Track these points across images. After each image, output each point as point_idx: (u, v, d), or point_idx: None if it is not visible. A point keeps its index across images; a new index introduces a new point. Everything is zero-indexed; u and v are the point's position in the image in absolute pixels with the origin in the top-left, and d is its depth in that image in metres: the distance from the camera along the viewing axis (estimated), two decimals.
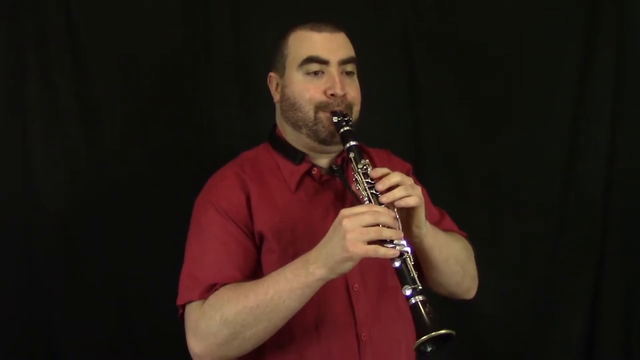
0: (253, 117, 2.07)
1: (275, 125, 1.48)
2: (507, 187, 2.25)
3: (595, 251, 2.26)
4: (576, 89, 2.24)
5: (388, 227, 1.14)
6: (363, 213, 1.14)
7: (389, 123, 2.06)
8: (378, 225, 1.13)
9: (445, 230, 1.47)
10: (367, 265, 1.31)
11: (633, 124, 2.23)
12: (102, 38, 1.98)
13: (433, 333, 1.09)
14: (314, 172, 1.39)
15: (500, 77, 2.22)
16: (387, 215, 1.15)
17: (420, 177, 1.55)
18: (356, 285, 1.33)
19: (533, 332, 2.26)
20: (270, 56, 1.45)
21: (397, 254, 1.14)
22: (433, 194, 1.54)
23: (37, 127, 1.93)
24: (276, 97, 1.44)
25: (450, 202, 1.62)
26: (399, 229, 1.17)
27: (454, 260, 1.39)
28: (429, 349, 1.12)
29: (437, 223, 1.49)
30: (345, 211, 1.15)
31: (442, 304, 1.50)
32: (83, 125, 1.98)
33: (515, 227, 2.24)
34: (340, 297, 1.32)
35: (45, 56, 1.93)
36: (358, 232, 1.12)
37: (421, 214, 1.24)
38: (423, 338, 1.09)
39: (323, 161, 1.42)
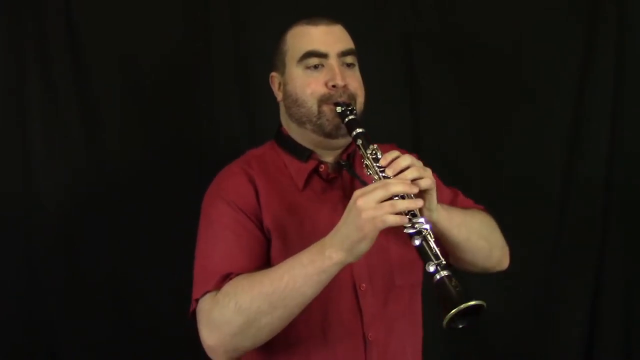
0: (253, 117, 2.07)
1: (281, 125, 1.46)
2: (508, 186, 2.24)
3: (595, 251, 2.26)
4: (576, 89, 2.24)
5: (402, 198, 1.13)
6: (375, 189, 1.13)
7: (388, 123, 2.05)
8: (391, 198, 1.12)
9: (461, 207, 1.46)
10: (374, 264, 1.31)
11: (633, 124, 2.23)
12: (102, 38, 1.98)
13: (462, 305, 1.05)
14: (321, 170, 1.39)
15: (500, 77, 2.22)
16: (398, 184, 1.13)
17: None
18: (363, 285, 1.32)
19: (533, 332, 2.26)
20: (271, 57, 1.44)
21: (405, 220, 1.12)
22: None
23: (37, 127, 1.93)
24: (279, 96, 1.43)
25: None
26: (413, 196, 1.15)
27: (477, 236, 1.37)
28: (460, 326, 1.09)
29: (451, 202, 1.47)
30: (358, 191, 1.14)
31: None
32: (83, 125, 1.98)
33: (515, 227, 2.23)
34: (348, 297, 1.31)
35: (45, 56, 1.93)
36: (372, 208, 1.11)
37: (433, 197, 1.22)
38: (453, 311, 1.05)
39: (329, 158, 1.41)
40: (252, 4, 2.08)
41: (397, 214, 1.11)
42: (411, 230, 1.14)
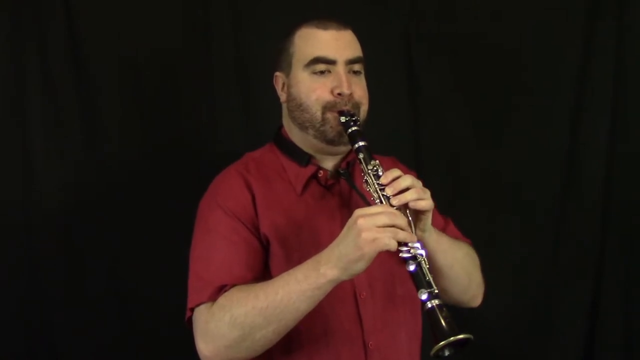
0: (253, 118, 2.07)
1: (281, 126, 1.46)
2: (507, 187, 2.24)
3: (595, 251, 2.26)
4: (576, 89, 2.24)
5: (402, 229, 1.13)
6: (379, 213, 1.13)
7: (389, 124, 2.05)
8: (393, 226, 1.12)
9: (450, 236, 1.46)
10: (375, 273, 1.31)
11: (633, 123, 2.23)
12: (102, 38, 1.98)
13: (452, 338, 1.07)
14: (320, 175, 1.38)
15: (500, 77, 2.22)
16: (402, 218, 1.15)
17: (420, 177, 1.54)
18: (364, 293, 1.32)
19: (533, 333, 2.26)
20: (276, 56, 1.43)
21: (403, 247, 1.13)
22: (433, 195, 1.54)
23: (37, 127, 1.93)
24: (282, 97, 1.42)
25: (451, 202, 1.62)
26: (413, 233, 1.17)
27: (459, 266, 1.38)
28: (447, 354, 1.11)
29: (441, 230, 1.47)
30: (360, 211, 1.14)
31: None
32: (83, 125, 1.98)
33: (515, 228, 2.24)
34: (348, 305, 1.31)
35: (45, 56, 1.93)
36: (373, 231, 1.11)
37: (428, 219, 1.24)
38: (441, 343, 1.07)
39: (329, 164, 1.40)
40: (252, 4, 2.08)
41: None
42: (406, 255, 1.14)
